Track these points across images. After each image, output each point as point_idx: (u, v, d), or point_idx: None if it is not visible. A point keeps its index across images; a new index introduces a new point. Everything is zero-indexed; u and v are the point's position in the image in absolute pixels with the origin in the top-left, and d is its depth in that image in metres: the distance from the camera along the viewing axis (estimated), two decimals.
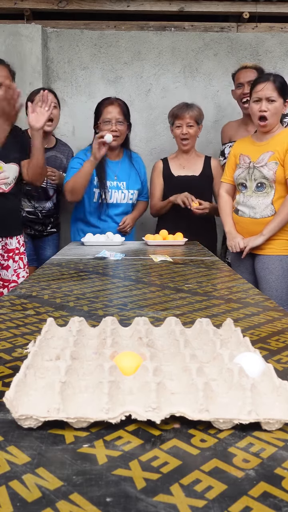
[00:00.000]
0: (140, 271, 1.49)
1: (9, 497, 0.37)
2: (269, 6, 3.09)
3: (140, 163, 2.56)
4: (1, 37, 2.90)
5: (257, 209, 2.05)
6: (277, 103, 1.98)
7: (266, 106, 1.97)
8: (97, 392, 0.50)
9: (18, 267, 2.13)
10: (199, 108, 2.50)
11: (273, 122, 2.02)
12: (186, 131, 2.45)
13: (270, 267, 2.04)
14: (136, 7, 3.06)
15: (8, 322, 0.89)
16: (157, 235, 2.29)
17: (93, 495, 0.37)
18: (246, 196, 2.09)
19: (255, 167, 2.05)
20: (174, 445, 0.46)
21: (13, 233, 2.11)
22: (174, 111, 2.49)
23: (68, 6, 3.05)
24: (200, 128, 2.52)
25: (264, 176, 2.02)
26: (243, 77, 2.49)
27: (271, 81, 1.97)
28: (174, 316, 0.79)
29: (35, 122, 2.03)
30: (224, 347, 0.64)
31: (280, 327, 0.87)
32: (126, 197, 2.45)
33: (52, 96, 2.46)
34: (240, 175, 2.12)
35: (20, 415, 0.47)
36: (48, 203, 2.56)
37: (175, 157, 2.60)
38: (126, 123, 2.38)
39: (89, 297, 1.12)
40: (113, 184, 2.42)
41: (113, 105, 2.36)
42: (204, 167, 2.56)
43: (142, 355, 0.61)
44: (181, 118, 2.44)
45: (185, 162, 2.56)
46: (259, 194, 2.05)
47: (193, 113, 2.45)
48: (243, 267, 2.17)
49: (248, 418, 0.48)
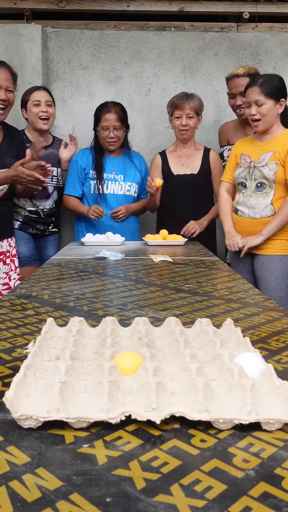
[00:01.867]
0: (140, 271, 1.49)
1: (9, 497, 0.37)
2: (269, 6, 3.09)
3: (140, 160, 2.59)
4: (1, 37, 2.90)
5: (256, 209, 2.05)
6: (267, 105, 1.98)
7: (255, 110, 1.99)
8: (97, 392, 0.50)
9: (10, 269, 2.12)
10: (199, 98, 2.44)
11: (266, 123, 2.02)
12: (186, 122, 2.40)
13: (269, 267, 2.04)
14: (136, 7, 3.06)
15: (8, 322, 0.89)
16: (157, 235, 2.29)
17: (93, 495, 0.37)
18: (245, 196, 2.09)
19: (256, 167, 2.05)
20: (174, 445, 0.46)
21: (4, 236, 2.11)
22: (173, 101, 2.43)
23: (68, 6, 3.05)
24: (200, 120, 2.47)
25: (264, 176, 2.02)
26: (235, 86, 2.44)
27: (257, 85, 1.98)
28: (174, 316, 0.79)
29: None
30: (224, 347, 0.64)
31: (280, 327, 0.87)
32: (123, 189, 2.48)
33: (47, 94, 2.47)
34: (240, 175, 2.12)
35: (20, 415, 0.47)
36: (49, 201, 2.57)
37: (174, 150, 2.55)
38: (123, 128, 2.46)
39: (89, 297, 1.12)
40: (110, 176, 2.48)
41: (111, 112, 2.41)
42: (203, 163, 2.51)
43: (142, 355, 0.61)
44: (181, 108, 2.39)
45: (184, 157, 2.52)
46: (258, 194, 2.05)
47: (193, 103, 2.40)
48: (242, 267, 2.17)
49: (248, 418, 0.48)
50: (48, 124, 2.47)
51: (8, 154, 2.08)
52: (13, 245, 2.18)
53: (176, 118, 2.43)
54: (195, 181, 2.49)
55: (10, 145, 2.11)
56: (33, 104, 2.42)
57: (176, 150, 2.55)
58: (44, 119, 2.42)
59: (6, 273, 2.11)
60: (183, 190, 2.45)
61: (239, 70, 2.47)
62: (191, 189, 2.45)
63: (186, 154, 2.52)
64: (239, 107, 2.45)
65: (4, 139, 2.09)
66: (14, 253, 2.17)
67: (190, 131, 2.44)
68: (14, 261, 2.16)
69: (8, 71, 1.99)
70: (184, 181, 2.48)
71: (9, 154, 2.08)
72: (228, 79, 2.52)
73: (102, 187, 2.45)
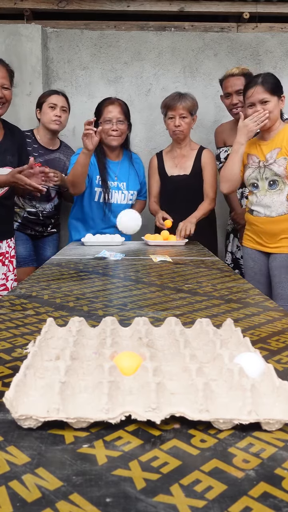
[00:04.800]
0: (140, 271, 1.49)
1: (9, 497, 0.37)
2: (269, 6, 3.09)
3: (139, 163, 2.55)
4: (1, 37, 2.90)
5: (272, 207, 2.05)
6: (272, 103, 1.98)
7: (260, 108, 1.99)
8: (97, 392, 0.50)
9: (7, 270, 2.12)
10: (192, 98, 2.41)
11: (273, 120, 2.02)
12: (179, 122, 2.37)
13: (286, 265, 2.03)
14: (136, 7, 3.06)
15: (8, 322, 0.89)
16: (157, 235, 2.28)
17: (93, 496, 0.37)
18: (259, 196, 2.08)
19: (266, 166, 2.05)
20: (174, 445, 0.46)
21: (4, 237, 2.11)
22: (166, 101, 2.41)
23: (68, 6, 3.05)
24: (194, 119, 2.44)
25: (275, 173, 2.02)
26: (230, 86, 2.45)
27: (259, 84, 1.98)
28: (174, 316, 0.79)
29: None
30: (224, 347, 0.64)
31: (280, 327, 0.87)
32: (126, 198, 2.44)
33: (64, 100, 2.48)
34: (251, 175, 2.11)
35: (20, 415, 0.47)
36: (49, 204, 2.56)
37: (170, 151, 2.54)
38: (126, 122, 2.37)
39: (89, 297, 1.12)
40: (114, 184, 2.41)
41: (114, 104, 2.34)
42: (195, 163, 2.48)
43: (142, 355, 0.61)
44: (173, 109, 2.36)
45: (178, 158, 2.50)
46: (272, 192, 2.05)
47: (186, 104, 2.36)
48: (256, 267, 2.16)
49: (248, 418, 0.48)
50: (60, 126, 2.48)
51: (9, 151, 2.08)
52: (12, 246, 2.18)
53: (169, 118, 2.40)
54: (187, 182, 2.46)
55: (11, 142, 2.11)
56: (48, 106, 2.44)
57: (172, 151, 2.54)
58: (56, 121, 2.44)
59: (4, 274, 2.11)
60: (176, 191, 2.44)
61: (234, 70, 2.48)
62: (184, 190, 2.43)
63: (181, 154, 2.50)
64: (235, 105, 2.45)
65: (5, 137, 2.09)
66: (13, 254, 2.17)
67: (184, 132, 2.41)
68: (12, 262, 2.16)
69: (4, 68, 1.98)
70: (176, 183, 2.46)
71: (9, 151, 2.08)
72: (222, 80, 2.53)
73: (109, 196, 2.39)
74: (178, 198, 2.45)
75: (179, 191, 2.44)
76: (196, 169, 2.47)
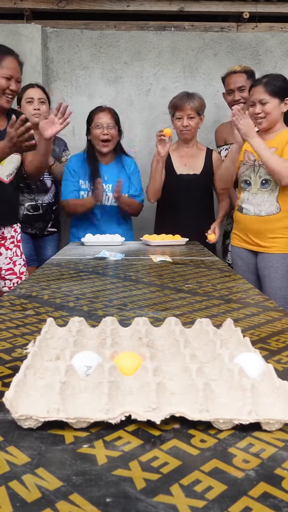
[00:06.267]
0: (140, 271, 1.49)
1: (8, 497, 0.37)
2: (269, 6, 3.09)
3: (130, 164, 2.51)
4: (1, 37, 2.90)
5: (262, 206, 2.06)
6: (270, 104, 1.99)
7: (259, 108, 2.01)
8: (97, 392, 0.50)
9: (14, 254, 2.10)
10: (200, 98, 2.43)
11: (270, 122, 2.03)
12: (187, 123, 2.40)
13: (274, 265, 2.04)
14: (136, 7, 3.06)
15: (8, 322, 0.89)
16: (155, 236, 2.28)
17: (93, 496, 0.37)
18: (251, 194, 2.09)
19: (260, 165, 2.06)
20: (174, 445, 0.45)
21: (9, 222, 2.10)
22: (174, 102, 2.43)
23: (68, 6, 3.05)
24: (201, 119, 2.46)
25: (268, 173, 2.02)
26: (233, 82, 2.47)
27: (262, 84, 2.00)
28: (174, 316, 0.78)
29: (44, 130, 1.92)
30: (224, 347, 0.64)
31: (280, 327, 0.87)
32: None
33: (40, 91, 2.47)
34: (244, 172, 2.13)
35: (20, 416, 0.47)
36: (48, 195, 2.57)
37: (176, 149, 2.54)
38: (117, 128, 2.41)
39: (89, 297, 1.12)
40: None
41: (104, 112, 2.40)
42: (206, 164, 2.51)
43: (142, 355, 0.61)
44: (181, 109, 2.38)
45: (186, 158, 2.51)
46: (264, 191, 2.06)
47: (194, 104, 2.38)
48: (245, 266, 2.17)
49: (248, 419, 0.48)
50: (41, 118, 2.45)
51: None
52: (18, 231, 2.16)
53: (177, 119, 2.42)
54: (198, 181, 2.49)
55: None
56: (26, 102, 2.44)
57: (178, 150, 2.54)
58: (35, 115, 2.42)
59: (10, 258, 2.09)
60: (186, 190, 2.45)
61: (236, 67, 2.51)
62: (194, 189, 2.45)
63: (189, 154, 2.52)
64: (237, 102, 2.45)
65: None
66: (19, 239, 2.15)
67: (191, 132, 2.44)
68: (19, 247, 2.14)
69: (16, 60, 1.97)
70: (187, 181, 2.48)
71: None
72: (225, 77, 2.55)
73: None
74: (190, 197, 2.45)
75: (189, 190, 2.45)
76: (207, 169, 2.51)
